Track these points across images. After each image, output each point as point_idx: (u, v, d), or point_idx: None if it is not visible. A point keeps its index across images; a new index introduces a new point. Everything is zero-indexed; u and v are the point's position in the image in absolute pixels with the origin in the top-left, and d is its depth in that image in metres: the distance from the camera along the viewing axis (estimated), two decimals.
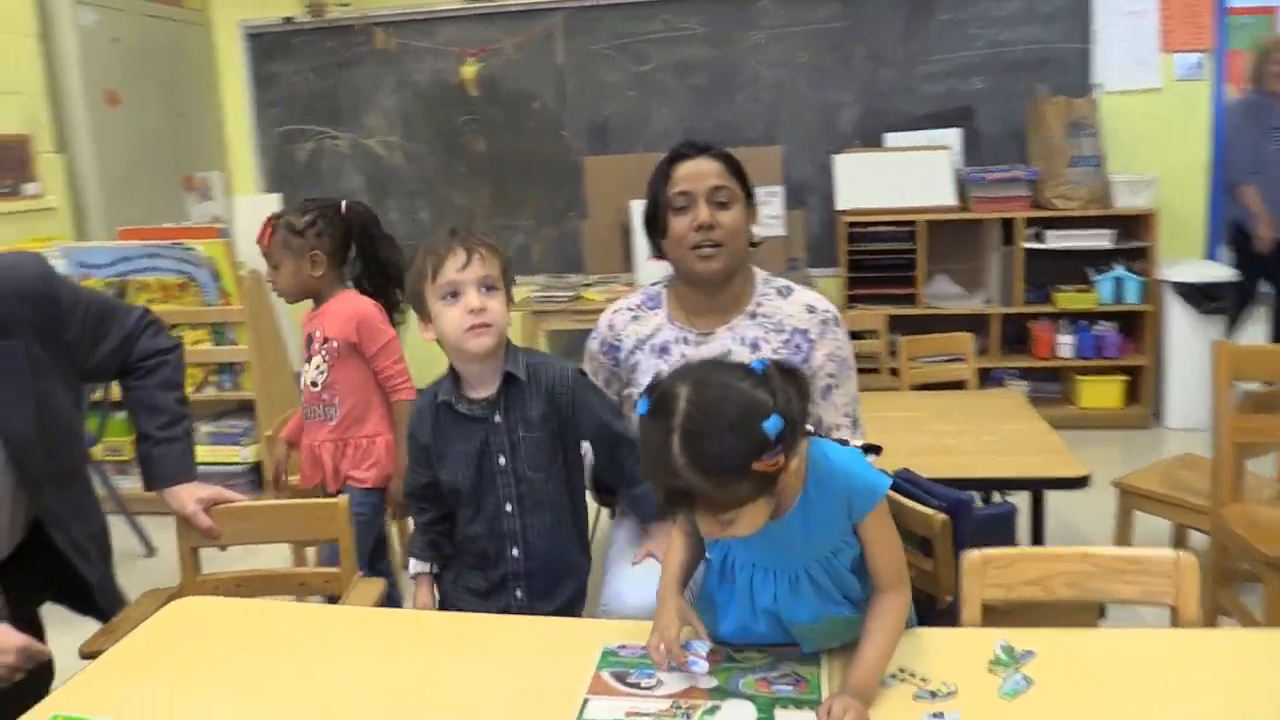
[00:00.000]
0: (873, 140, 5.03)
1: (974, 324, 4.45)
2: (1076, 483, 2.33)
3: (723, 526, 1.22)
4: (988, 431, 2.70)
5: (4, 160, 4.18)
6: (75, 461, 1.92)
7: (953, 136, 4.91)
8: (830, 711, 1.21)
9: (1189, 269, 4.63)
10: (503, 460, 1.75)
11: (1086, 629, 1.45)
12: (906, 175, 4.82)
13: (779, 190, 4.74)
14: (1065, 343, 4.79)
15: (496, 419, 1.74)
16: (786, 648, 1.39)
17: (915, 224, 4.74)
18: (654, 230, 1.99)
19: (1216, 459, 2.52)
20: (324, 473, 2.52)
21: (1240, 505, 2.49)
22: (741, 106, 5.20)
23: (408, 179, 5.57)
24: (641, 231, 2.07)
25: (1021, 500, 2.42)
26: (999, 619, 1.49)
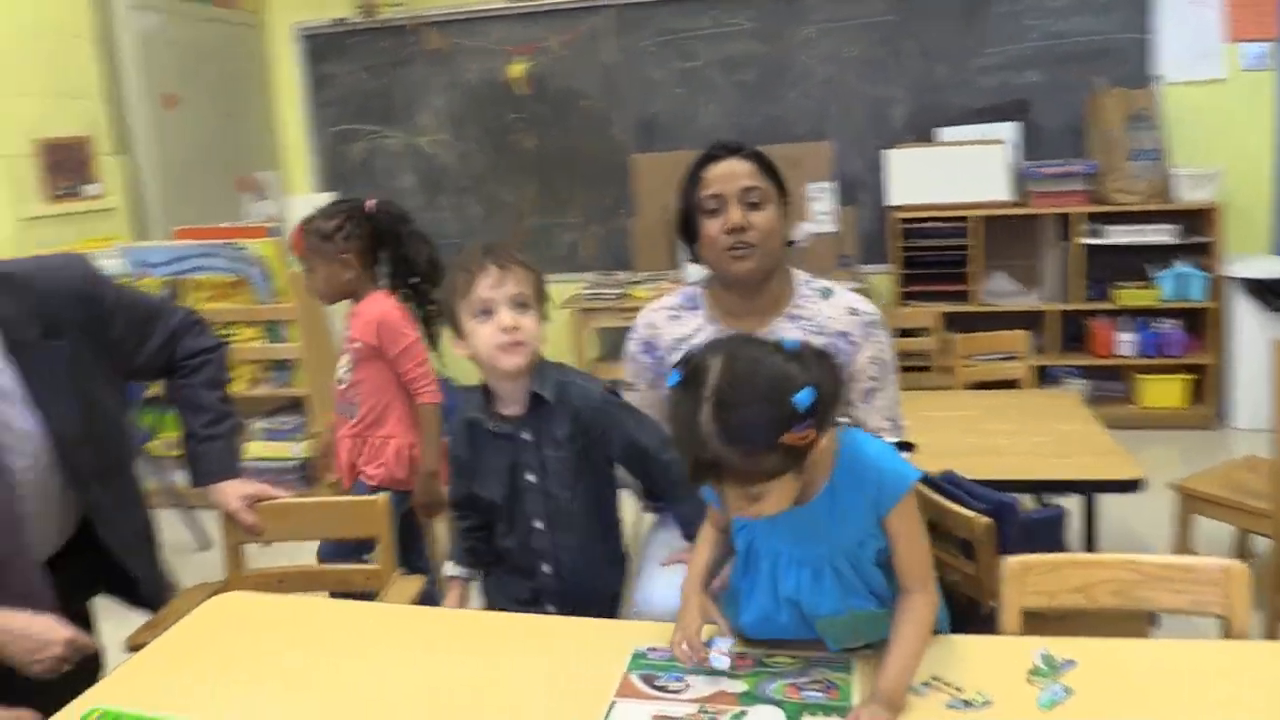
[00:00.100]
0: (924, 135, 4.95)
1: (1030, 321, 4.37)
2: (1130, 485, 2.27)
3: (750, 501, 1.21)
4: (1041, 432, 2.63)
5: (65, 162, 4.28)
6: (122, 460, 1.95)
7: (1008, 131, 4.81)
8: None
9: (1255, 264, 4.49)
10: (532, 477, 1.75)
11: (1131, 639, 1.39)
12: (960, 170, 4.74)
13: (830, 186, 4.69)
14: (1125, 340, 4.67)
15: (526, 436, 1.74)
16: (816, 651, 1.36)
17: (969, 220, 4.65)
18: (686, 235, 1.96)
19: (1279, 460, 2.43)
20: (341, 467, 2.58)
21: None
22: (791, 102, 5.14)
23: (458, 177, 5.60)
24: None
25: (1076, 504, 2.35)
26: (1045, 627, 1.44)
